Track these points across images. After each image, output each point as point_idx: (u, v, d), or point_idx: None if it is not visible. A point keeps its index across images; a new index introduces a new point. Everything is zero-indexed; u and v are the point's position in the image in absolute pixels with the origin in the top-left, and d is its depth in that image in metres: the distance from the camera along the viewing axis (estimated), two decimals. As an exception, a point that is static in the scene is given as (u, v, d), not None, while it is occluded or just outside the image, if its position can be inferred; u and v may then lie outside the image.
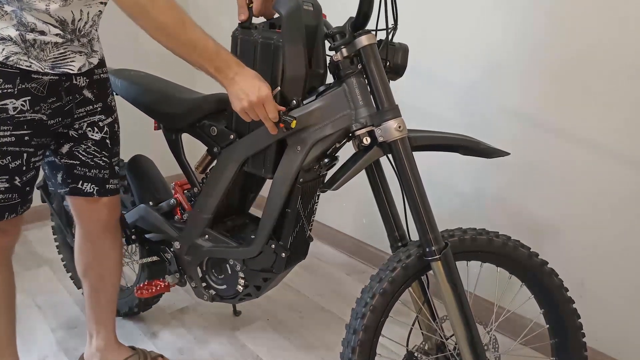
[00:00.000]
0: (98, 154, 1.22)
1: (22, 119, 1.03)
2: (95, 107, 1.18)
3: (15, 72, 1.00)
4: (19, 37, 0.97)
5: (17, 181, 1.07)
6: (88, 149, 1.20)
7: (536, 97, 1.46)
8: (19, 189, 1.09)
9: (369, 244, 2.17)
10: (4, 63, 0.98)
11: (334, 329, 1.70)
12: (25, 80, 1.01)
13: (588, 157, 1.38)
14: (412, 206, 1.04)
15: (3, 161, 1.03)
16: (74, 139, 1.18)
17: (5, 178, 1.05)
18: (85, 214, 1.28)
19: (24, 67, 1.00)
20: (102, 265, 1.35)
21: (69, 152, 1.19)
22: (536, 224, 1.54)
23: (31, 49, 1.00)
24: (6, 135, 1.02)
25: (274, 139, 1.13)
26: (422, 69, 1.75)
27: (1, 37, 0.97)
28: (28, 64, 1.00)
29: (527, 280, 1.14)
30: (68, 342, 1.63)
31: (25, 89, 1.02)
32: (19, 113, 1.02)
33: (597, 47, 1.31)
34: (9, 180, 1.06)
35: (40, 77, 1.03)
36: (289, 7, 1.04)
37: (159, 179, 1.54)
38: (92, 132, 1.19)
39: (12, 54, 0.98)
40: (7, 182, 1.05)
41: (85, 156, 1.20)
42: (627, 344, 1.40)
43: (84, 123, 1.18)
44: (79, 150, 1.19)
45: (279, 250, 1.21)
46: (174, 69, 3.00)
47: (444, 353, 1.17)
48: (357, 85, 1.05)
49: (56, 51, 1.04)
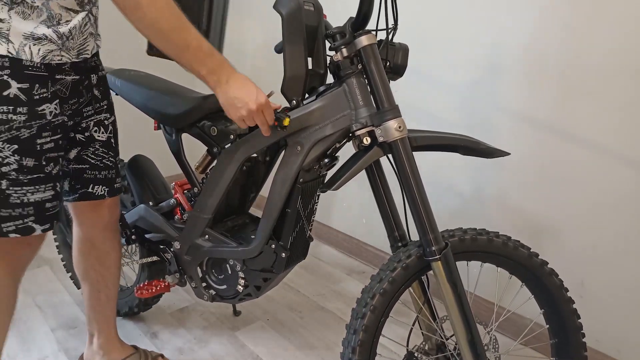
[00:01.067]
0: (106, 155, 1.20)
1: (56, 122, 1.02)
2: (102, 105, 1.17)
3: (46, 75, 0.98)
4: (54, 34, 0.95)
5: (58, 187, 1.06)
6: (96, 151, 1.18)
7: (536, 97, 1.46)
8: (60, 196, 1.07)
9: (369, 244, 2.17)
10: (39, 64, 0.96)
11: (334, 329, 1.70)
12: (54, 83, 1.00)
13: (588, 157, 1.38)
14: (412, 206, 1.04)
15: (47, 169, 1.02)
16: (81, 143, 1.16)
17: (51, 185, 1.03)
18: (86, 216, 1.27)
19: (55, 62, 0.98)
20: (103, 265, 1.34)
21: (77, 157, 1.17)
22: (536, 224, 1.54)
23: (67, 42, 0.98)
24: (47, 141, 1.01)
25: (274, 139, 1.13)
26: (422, 69, 1.75)
27: (37, 37, 0.94)
28: (59, 57, 0.98)
29: (527, 280, 1.14)
30: (68, 342, 1.63)
31: (55, 92, 1.01)
32: (53, 117, 1.01)
33: (597, 48, 1.31)
34: (53, 187, 1.04)
35: (64, 77, 1.02)
36: (289, 7, 1.04)
37: (159, 179, 1.54)
38: (98, 133, 1.17)
39: (48, 53, 0.96)
40: (52, 190, 1.04)
41: (95, 158, 1.18)
42: (627, 344, 1.40)
43: (90, 122, 1.15)
44: (87, 153, 1.17)
45: (279, 250, 1.21)
46: (174, 69, 3.00)
47: (444, 353, 1.17)
48: (357, 85, 1.05)
49: (81, 37, 1.02)
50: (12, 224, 1.00)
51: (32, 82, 0.96)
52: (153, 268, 1.57)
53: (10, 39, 0.92)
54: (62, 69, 1.01)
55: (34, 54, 0.95)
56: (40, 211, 1.03)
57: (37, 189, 1.01)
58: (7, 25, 0.92)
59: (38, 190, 1.02)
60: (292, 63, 1.06)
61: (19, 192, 0.99)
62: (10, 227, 1.01)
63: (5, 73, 0.93)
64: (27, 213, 1.02)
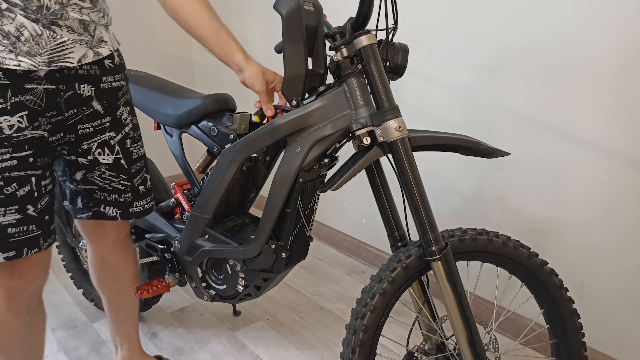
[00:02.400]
0: (115, 179, 1.10)
1: (21, 138, 0.90)
2: (103, 121, 1.05)
3: (5, 84, 0.87)
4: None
5: (31, 210, 0.94)
6: (103, 175, 1.09)
7: (536, 97, 1.46)
8: (35, 219, 0.95)
9: (369, 244, 2.17)
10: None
11: (334, 329, 1.71)
12: (19, 93, 0.88)
13: (588, 157, 1.38)
14: (412, 206, 1.04)
15: (8, 189, 0.90)
16: (85, 167, 1.07)
17: (15, 208, 0.91)
18: (92, 233, 1.22)
19: (11, 67, 0.86)
20: (117, 281, 1.31)
21: (83, 179, 1.09)
22: (536, 224, 1.54)
23: (19, 44, 0.86)
24: (5, 159, 0.89)
25: (274, 139, 1.13)
26: (423, 69, 1.75)
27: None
28: (16, 62, 0.86)
29: (527, 280, 1.14)
30: (68, 342, 1.63)
31: (20, 102, 0.89)
32: (16, 132, 0.89)
33: (597, 47, 1.31)
34: (19, 210, 0.92)
35: (35, 86, 0.91)
36: (289, 7, 1.04)
37: (159, 179, 1.54)
38: (103, 155, 1.07)
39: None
40: (18, 213, 0.92)
41: (102, 181, 1.09)
42: (627, 344, 1.40)
43: (93, 144, 1.05)
44: (93, 176, 1.08)
45: (279, 250, 1.21)
46: (174, 69, 3.01)
47: (444, 353, 1.17)
48: (357, 85, 1.05)
49: (53, 42, 0.91)
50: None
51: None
52: (153, 268, 1.57)
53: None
54: (32, 77, 0.90)
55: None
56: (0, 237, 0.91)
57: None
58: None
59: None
60: (292, 63, 1.06)
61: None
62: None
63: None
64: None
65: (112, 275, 1.31)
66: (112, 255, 1.27)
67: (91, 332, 1.69)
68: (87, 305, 1.84)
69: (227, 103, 1.34)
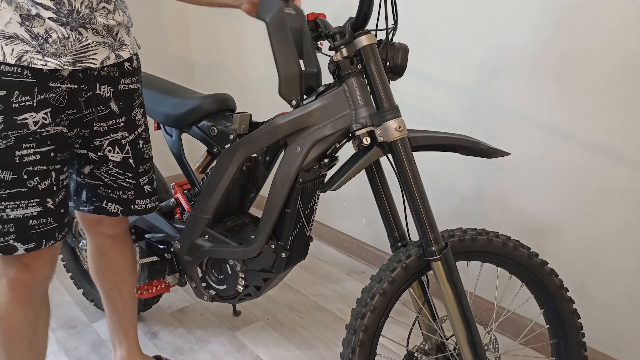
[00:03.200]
0: (121, 176, 1.14)
1: (45, 133, 0.95)
2: (117, 121, 1.09)
3: (32, 82, 0.91)
4: (26, 33, 0.88)
5: (50, 203, 0.98)
6: (110, 171, 1.13)
7: (536, 97, 1.46)
8: (54, 212, 1.00)
9: (369, 244, 2.17)
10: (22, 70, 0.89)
11: (334, 329, 1.71)
12: (44, 90, 0.93)
13: (588, 157, 1.38)
14: (412, 206, 1.04)
15: (31, 182, 0.95)
16: (93, 161, 1.10)
17: (37, 201, 0.96)
18: (90, 225, 1.25)
19: (38, 66, 0.91)
20: (115, 273, 1.33)
21: (90, 173, 1.12)
22: (536, 224, 1.54)
23: (46, 45, 0.91)
24: (30, 153, 0.93)
25: (274, 139, 1.14)
26: (423, 69, 1.75)
27: (7, 35, 0.87)
28: (43, 62, 0.91)
29: (527, 280, 1.14)
30: (68, 342, 1.63)
31: (44, 99, 0.94)
32: (40, 127, 0.94)
33: (596, 47, 1.31)
34: (40, 203, 0.97)
35: (59, 85, 0.95)
36: (271, 13, 1.05)
37: (159, 179, 1.54)
38: (112, 153, 1.11)
39: (23, 53, 0.89)
40: (38, 206, 0.96)
41: (108, 178, 1.13)
42: (627, 344, 1.40)
43: (104, 141, 1.09)
44: (100, 172, 1.12)
45: (279, 251, 1.21)
46: (174, 69, 3.01)
47: (444, 353, 1.17)
48: (357, 86, 1.05)
49: (79, 44, 0.95)
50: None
51: (9, 89, 0.89)
52: (153, 268, 1.57)
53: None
54: (56, 76, 0.95)
55: (7, 54, 0.88)
56: (22, 229, 0.96)
57: (17, 205, 0.94)
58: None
59: (19, 206, 0.94)
60: (284, 64, 1.06)
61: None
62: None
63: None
64: (8, 230, 0.94)
65: (110, 266, 1.32)
66: (109, 247, 1.29)
67: (91, 332, 1.69)
68: (87, 305, 1.84)
69: (227, 103, 1.35)
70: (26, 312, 1.06)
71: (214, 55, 2.80)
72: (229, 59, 2.70)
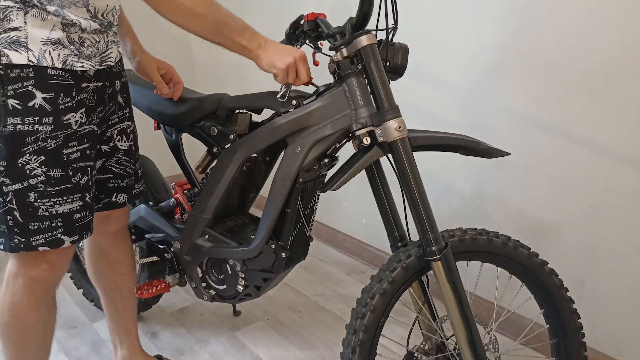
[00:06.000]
0: (128, 163, 1.20)
1: (82, 132, 1.02)
2: (124, 112, 1.17)
3: (71, 84, 0.98)
4: (66, 39, 0.95)
5: (87, 198, 1.06)
6: (120, 160, 1.19)
7: (536, 97, 1.46)
8: (90, 206, 1.07)
9: (369, 244, 2.17)
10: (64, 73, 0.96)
11: (334, 329, 1.71)
12: (79, 92, 1.00)
13: (588, 157, 1.38)
14: (412, 206, 1.04)
15: (74, 179, 1.02)
16: (106, 154, 1.16)
17: (79, 196, 1.03)
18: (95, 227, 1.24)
19: (77, 68, 0.98)
20: (115, 272, 1.33)
21: (101, 168, 1.17)
22: (536, 224, 1.54)
23: (82, 49, 0.98)
24: (74, 151, 1.00)
25: (274, 139, 1.14)
26: (423, 69, 1.75)
27: (53, 41, 0.94)
28: (80, 64, 0.98)
29: (527, 280, 1.14)
30: (68, 342, 1.63)
31: (80, 100, 1.00)
32: (79, 126, 1.01)
33: (597, 47, 1.31)
34: (81, 197, 1.04)
35: (87, 84, 1.02)
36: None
37: (159, 179, 1.54)
38: (121, 142, 1.17)
39: (67, 57, 0.96)
40: (80, 200, 1.04)
41: (118, 168, 1.19)
42: (627, 344, 1.40)
43: (114, 131, 1.15)
44: (111, 163, 1.17)
45: (279, 250, 1.21)
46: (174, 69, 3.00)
47: (444, 353, 1.17)
48: (357, 85, 1.05)
49: (103, 46, 1.03)
50: (41, 236, 1.00)
51: (56, 91, 0.96)
52: (153, 268, 1.57)
53: (29, 46, 0.92)
54: (86, 76, 1.01)
55: (54, 59, 0.94)
56: (68, 222, 1.02)
57: (65, 200, 1.01)
58: (24, 33, 0.91)
59: (66, 201, 1.01)
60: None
61: (47, 204, 0.99)
62: (40, 240, 1.00)
63: (29, 83, 0.93)
64: (56, 225, 1.01)
65: (110, 266, 1.32)
66: (110, 246, 1.30)
67: (91, 332, 1.69)
68: (87, 305, 1.84)
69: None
70: (40, 311, 1.10)
71: (214, 55, 2.80)
72: (229, 59, 2.70)
